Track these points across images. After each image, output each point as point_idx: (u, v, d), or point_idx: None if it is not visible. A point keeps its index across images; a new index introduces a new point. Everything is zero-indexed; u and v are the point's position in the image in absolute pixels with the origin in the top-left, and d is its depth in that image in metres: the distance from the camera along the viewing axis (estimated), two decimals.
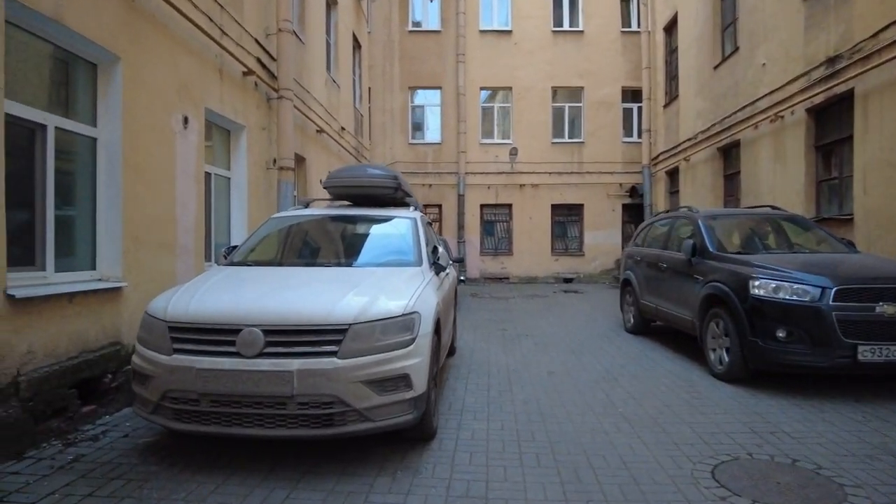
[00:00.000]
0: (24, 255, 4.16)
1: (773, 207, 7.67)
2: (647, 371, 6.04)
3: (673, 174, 15.76)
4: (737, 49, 11.49)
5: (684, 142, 14.27)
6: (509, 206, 18.73)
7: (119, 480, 3.29)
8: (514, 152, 18.15)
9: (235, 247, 5.21)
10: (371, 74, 17.72)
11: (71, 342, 4.32)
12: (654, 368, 6.17)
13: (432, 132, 19.25)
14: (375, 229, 5.32)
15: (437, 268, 4.83)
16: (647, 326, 8.23)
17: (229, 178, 7.59)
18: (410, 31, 18.88)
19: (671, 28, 15.67)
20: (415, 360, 3.43)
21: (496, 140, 18.89)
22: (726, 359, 5.53)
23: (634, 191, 18.01)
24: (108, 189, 4.93)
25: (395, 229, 5.19)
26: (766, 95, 10.23)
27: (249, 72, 7.57)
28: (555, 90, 18.73)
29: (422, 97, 19.26)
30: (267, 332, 3.29)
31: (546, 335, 8.41)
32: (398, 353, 3.37)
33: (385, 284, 3.90)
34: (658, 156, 16.76)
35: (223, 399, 3.26)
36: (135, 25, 5.09)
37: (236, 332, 3.31)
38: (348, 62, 14.05)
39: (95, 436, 4.17)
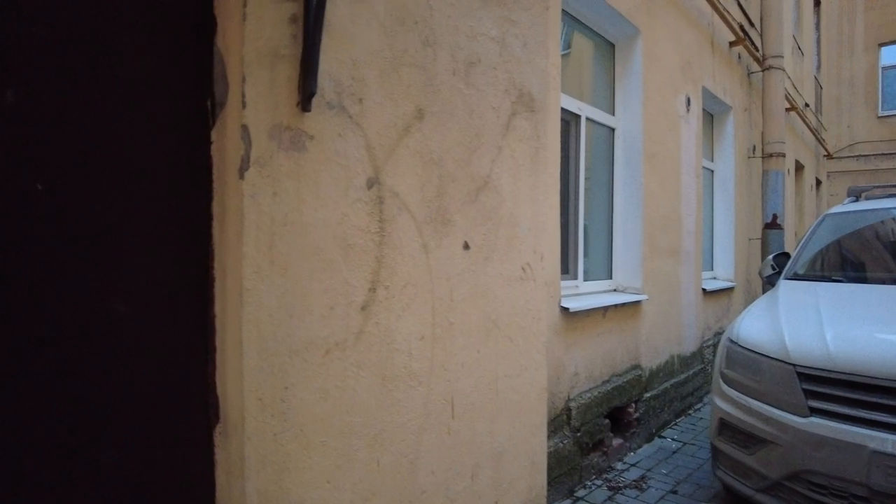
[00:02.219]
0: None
1: None
2: None
3: None
4: None
5: None
6: None
7: None
8: None
9: (785, 254, 3.94)
10: (823, 37, 14.36)
11: (604, 364, 3.73)
12: None
13: None
14: None
15: None
16: None
17: (712, 171, 6.41)
18: None
19: None
20: None
21: None
22: None
23: None
24: (625, 186, 4.27)
25: None
26: None
27: (736, 41, 6.26)
28: None
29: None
30: None
31: None
32: None
33: None
34: None
35: None
36: None
37: None
38: (810, 23, 11.42)
39: (636, 482, 3.47)
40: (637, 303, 4.14)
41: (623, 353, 3.99)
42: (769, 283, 3.92)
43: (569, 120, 3.77)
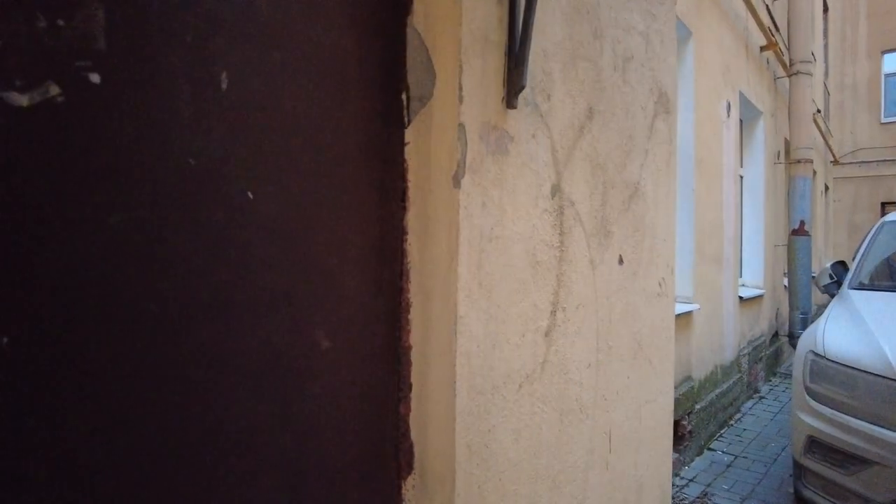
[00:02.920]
0: None
1: None
2: None
3: None
4: None
5: None
6: None
7: None
8: None
9: (842, 263, 3.84)
10: (829, 43, 14.41)
11: None
12: None
13: None
14: None
15: None
16: None
17: (741, 177, 6.31)
18: None
19: None
20: None
21: None
22: None
23: None
24: (679, 191, 4.15)
25: None
26: None
27: (767, 45, 6.19)
28: None
29: None
30: None
31: None
32: None
33: None
34: None
35: None
36: None
37: None
38: (819, 30, 11.43)
39: (700, 499, 3.34)
40: (689, 313, 4.01)
41: (677, 365, 3.86)
42: (827, 292, 3.81)
43: None
